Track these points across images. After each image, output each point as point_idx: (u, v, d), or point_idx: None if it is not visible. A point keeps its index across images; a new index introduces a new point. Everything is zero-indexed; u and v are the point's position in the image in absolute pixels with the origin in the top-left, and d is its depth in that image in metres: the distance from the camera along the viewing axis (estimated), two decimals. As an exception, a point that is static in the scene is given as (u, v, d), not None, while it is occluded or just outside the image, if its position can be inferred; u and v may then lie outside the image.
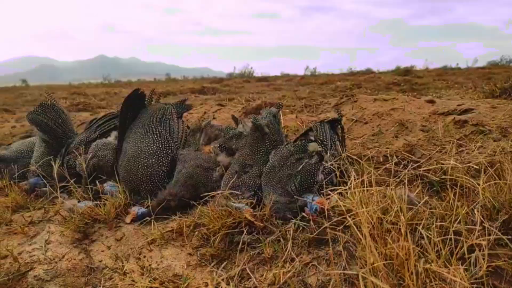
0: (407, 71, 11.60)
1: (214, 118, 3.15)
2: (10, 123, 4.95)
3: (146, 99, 2.40)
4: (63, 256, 1.69)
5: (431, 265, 0.98)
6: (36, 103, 9.06)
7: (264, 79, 14.45)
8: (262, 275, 1.48)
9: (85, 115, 4.63)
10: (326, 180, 1.76)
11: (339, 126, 2.08)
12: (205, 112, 3.78)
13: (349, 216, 1.27)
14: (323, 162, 1.81)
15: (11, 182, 2.42)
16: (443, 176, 1.74)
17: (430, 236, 1.09)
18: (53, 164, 2.09)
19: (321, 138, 1.92)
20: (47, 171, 2.44)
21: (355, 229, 1.13)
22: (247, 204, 1.80)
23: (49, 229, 1.94)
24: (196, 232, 1.81)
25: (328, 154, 1.84)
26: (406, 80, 8.73)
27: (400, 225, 1.24)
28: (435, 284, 0.99)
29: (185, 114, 2.75)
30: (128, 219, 1.94)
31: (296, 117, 2.97)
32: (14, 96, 11.78)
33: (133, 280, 1.52)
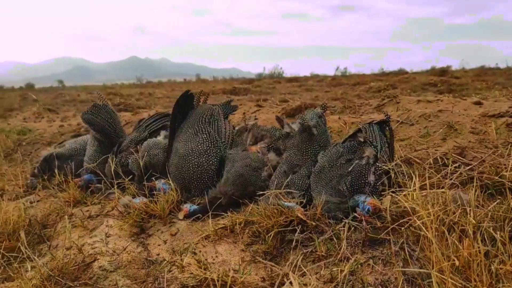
0: (443, 72, 11.27)
1: (255, 119, 3.20)
2: (56, 122, 5.20)
3: (195, 100, 2.48)
4: (125, 249, 1.79)
5: (505, 266, 0.98)
6: (74, 103, 9.40)
7: (294, 79, 14.42)
8: (317, 273, 1.51)
9: (127, 115, 4.81)
10: (378, 181, 1.77)
11: (387, 128, 2.08)
12: (244, 113, 3.84)
13: (409, 217, 1.29)
14: (373, 163, 1.82)
15: (67, 178, 2.57)
16: (499, 179, 1.71)
17: (502, 237, 1.09)
18: (110, 162, 2.20)
19: (370, 139, 1.93)
20: (100, 169, 2.57)
21: (424, 229, 1.14)
22: (297, 203, 1.83)
23: (108, 223, 2.05)
24: (247, 230, 1.87)
25: (379, 155, 1.85)
26: (443, 80, 8.49)
27: (459, 227, 1.25)
28: (505, 286, 1.00)
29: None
30: (180, 215, 2.03)
31: (339, 118, 2.98)
32: (54, 96, 12.31)
33: (191, 273, 1.59)
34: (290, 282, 1.48)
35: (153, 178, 2.22)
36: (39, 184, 2.73)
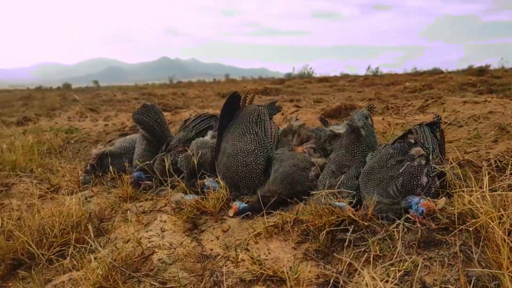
0: (482, 71, 10.88)
1: (297, 120, 3.23)
2: (100, 122, 5.43)
3: (241, 101, 2.55)
4: (181, 243, 1.87)
5: None
6: (111, 103, 9.71)
7: (324, 79, 14.33)
8: (369, 273, 1.53)
9: (167, 115, 4.95)
10: (431, 183, 1.77)
11: (437, 129, 2.07)
12: (282, 113, 3.88)
13: (469, 219, 1.29)
14: (426, 165, 1.82)
15: (120, 175, 2.70)
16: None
17: None
18: (164, 160, 2.29)
19: (421, 141, 1.93)
20: (148, 166, 2.68)
21: (498, 231, 1.14)
22: (347, 203, 1.86)
23: (161, 219, 2.14)
24: (296, 228, 1.91)
25: (431, 157, 1.84)
26: (482, 80, 8.21)
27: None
28: None
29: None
30: (231, 212, 2.09)
31: (383, 119, 2.97)
32: (91, 97, 12.79)
33: (247, 268, 1.65)
34: (344, 281, 1.52)
35: (207, 176, 2.29)
36: (92, 180, 2.88)
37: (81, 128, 4.73)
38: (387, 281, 1.44)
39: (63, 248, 1.98)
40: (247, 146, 2.27)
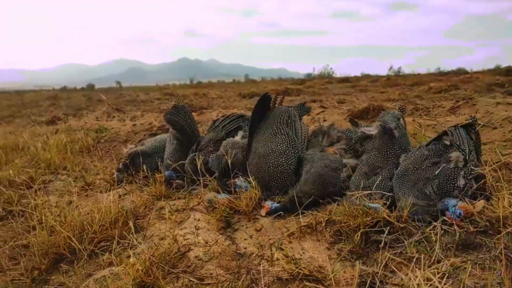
0: (510, 71, 10.56)
1: (324, 121, 3.25)
2: (127, 122, 5.56)
3: (271, 102, 2.57)
4: (217, 241, 1.91)
5: None
6: (135, 103, 9.88)
7: (345, 80, 14.21)
8: (407, 274, 1.54)
9: (193, 115, 5.03)
10: (468, 185, 1.75)
11: (473, 131, 2.04)
12: (308, 114, 3.89)
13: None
14: (463, 167, 1.81)
15: (153, 174, 2.77)
16: None
17: None
18: (196, 160, 2.34)
19: (457, 142, 1.91)
20: (179, 165, 2.74)
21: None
22: (381, 205, 1.86)
23: (195, 217, 2.19)
24: (328, 228, 1.93)
25: (468, 159, 1.83)
26: (511, 80, 7.98)
27: None
28: None
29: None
30: (263, 212, 2.12)
31: (413, 120, 2.94)
32: (115, 97, 13.07)
33: (282, 267, 1.67)
34: (381, 281, 1.53)
35: (239, 175, 2.33)
36: (125, 179, 2.96)
37: (110, 127, 4.86)
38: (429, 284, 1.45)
39: (103, 243, 2.06)
40: (279, 146, 2.30)
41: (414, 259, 1.56)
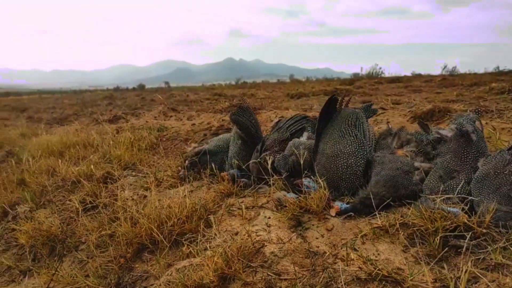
0: None
1: (387, 122, 3.21)
2: (184, 121, 5.79)
3: (338, 103, 2.59)
4: (290, 239, 1.98)
5: None
6: (186, 103, 10.20)
7: (396, 79, 13.77)
8: (494, 280, 1.51)
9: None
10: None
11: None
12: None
13: None
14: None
15: (219, 171, 2.88)
16: None
17: None
18: (267, 159, 2.42)
19: (544, 147, 1.84)
20: (244, 164, 2.84)
21: None
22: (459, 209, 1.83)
23: (265, 214, 2.27)
24: (402, 231, 1.92)
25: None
26: None
27: None
28: None
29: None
30: (332, 212, 2.15)
31: (486, 123, 2.83)
32: (166, 97, 13.58)
33: (359, 267, 1.70)
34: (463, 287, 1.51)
35: (309, 176, 2.37)
36: (191, 176, 3.11)
37: (170, 127, 5.08)
38: (514, 291, 1.41)
39: (180, 236, 2.19)
40: (347, 148, 2.31)
41: (501, 266, 1.53)
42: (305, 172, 2.34)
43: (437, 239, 1.72)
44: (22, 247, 2.70)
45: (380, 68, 16.81)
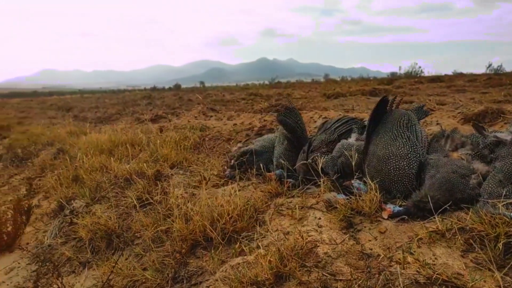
0: None
1: (438, 124, 3.13)
2: (224, 121, 5.89)
3: (389, 104, 2.57)
4: (343, 240, 1.99)
5: None
6: (223, 103, 10.34)
7: (437, 79, 13.31)
8: None
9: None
10: None
11: None
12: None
13: None
14: None
15: (264, 171, 2.93)
16: None
17: None
18: (318, 160, 2.44)
19: None
20: (290, 165, 2.86)
21: None
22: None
23: (315, 215, 2.29)
24: (458, 236, 1.88)
25: None
26: None
27: None
28: None
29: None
30: (384, 214, 2.14)
31: (547, 126, 2.70)
32: (203, 96, 13.85)
33: (417, 271, 1.68)
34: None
35: (360, 177, 2.37)
36: (237, 175, 3.17)
37: (212, 126, 5.20)
38: None
39: (232, 234, 2.25)
40: (400, 150, 2.29)
41: None
42: (356, 174, 2.33)
43: (500, 245, 1.67)
44: (80, 240, 2.87)
45: (420, 67, 16.28)
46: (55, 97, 33.95)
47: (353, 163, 2.32)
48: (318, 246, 1.98)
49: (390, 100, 2.55)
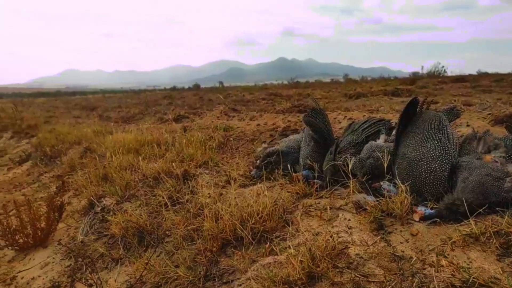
0: None
1: (468, 126, 3.08)
2: (247, 121, 5.94)
3: (419, 106, 2.55)
4: (375, 242, 1.99)
5: None
6: (243, 103, 10.38)
7: (461, 79, 13.02)
8: None
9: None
10: None
11: None
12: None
13: None
14: None
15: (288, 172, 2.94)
16: None
17: None
18: (348, 161, 2.44)
19: None
20: (317, 165, 2.87)
21: None
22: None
23: (345, 216, 2.29)
24: (493, 240, 1.85)
25: None
26: None
27: None
28: None
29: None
30: (416, 217, 2.13)
31: None
32: (223, 96, 13.95)
33: (452, 274, 1.67)
34: None
35: (390, 179, 2.37)
36: (263, 176, 3.20)
37: (235, 127, 5.24)
38: None
39: (261, 233, 2.28)
40: (431, 152, 2.27)
41: None
42: (387, 175, 2.33)
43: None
44: (112, 237, 2.95)
45: (443, 66, 15.95)
46: (78, 97, 34.82)
47: (385, 165, 2.31)
48: (349, 247, 1.99)
49: (420, 101, 2.53)
